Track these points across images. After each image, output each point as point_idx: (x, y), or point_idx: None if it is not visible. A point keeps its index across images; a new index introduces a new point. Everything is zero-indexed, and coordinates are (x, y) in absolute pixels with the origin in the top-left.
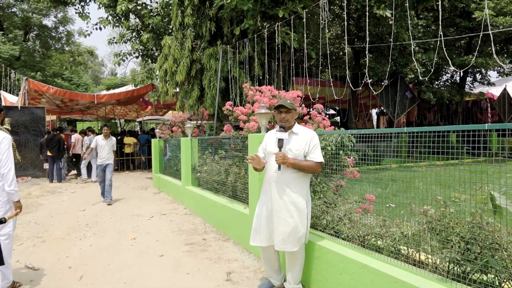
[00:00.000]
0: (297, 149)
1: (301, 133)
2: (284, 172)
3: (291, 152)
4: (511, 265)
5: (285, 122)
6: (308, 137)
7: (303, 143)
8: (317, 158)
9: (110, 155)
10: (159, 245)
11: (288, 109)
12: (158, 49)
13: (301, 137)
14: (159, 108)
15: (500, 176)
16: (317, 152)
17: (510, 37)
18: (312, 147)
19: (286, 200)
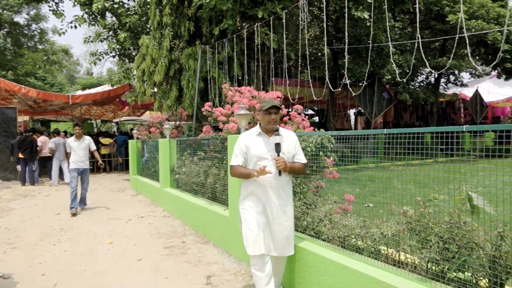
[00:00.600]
0: (288, 152)
1: (285, 134)
2: (282, 177)
3: (284, 156)
4: (487, 264)
5: (274, 123)
6: (293, 139)
7: (291, 145)
8: (304, 159)
9: (86, 159)
10: (137, 249)
11: (278, 109)
12: (135, 48)
13: (287, 138)
14: (137, 108)
15: (472, 175)
16: (302, 153)
17: (481, 40)
18: (298, 149)
19: (283, 205)
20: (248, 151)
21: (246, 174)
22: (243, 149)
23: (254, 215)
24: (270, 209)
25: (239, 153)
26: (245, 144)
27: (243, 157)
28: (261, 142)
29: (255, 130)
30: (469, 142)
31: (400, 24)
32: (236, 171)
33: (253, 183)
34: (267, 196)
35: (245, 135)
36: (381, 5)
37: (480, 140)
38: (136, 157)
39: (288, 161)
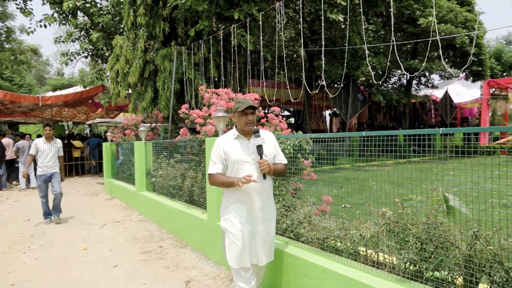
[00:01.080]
0: (269, 153)
1: (264, 135)
2: (267, 181)
3: (266, 158)
4: (463, 263)
5: (251, 124)
6: (273, 139)
7: (271, 146)
8: (285, 160)
9: (55, 162)
10: (113, 254)
11: (254, 109)
12: (109, 49)
13: (267, 139)
14: (111, 110)
15: (443, 175)
16: (282, 153)
17: (450, 43)
18: (278, 149)
19: (269, 210)
20: (227, 156)
21: (228, 183)
22: (221, 155)
23: (239, 227)
24: (255, 216)
25: (217, 159)
26: (223, 149)
27: (222, 164)
28: (240, 145)
29: (232, 134)
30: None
31: (373, 27)
32: (216, 180)
33: (238, 191)
34: (252, 203)
35: (222, 140)
36: (356, 8)
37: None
38: (110, 160)
39: (270, 162)
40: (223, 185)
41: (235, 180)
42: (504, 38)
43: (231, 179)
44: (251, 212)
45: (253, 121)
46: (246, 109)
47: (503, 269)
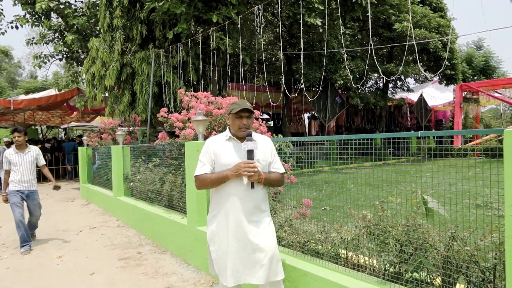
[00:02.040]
0: (264, 159)
1: (260, 140)
2: (256, 190)
3: (259, 164)
4: (441, 264)
5: (246, 129)
6: (269, 145)
7: (267, 152)
8: (282, 168)
9: (32, 177)
10: (89, 262)
11: (250, 113)
12: (84, 51)
13: (262, 144)
14: (87, 113)
15: (419, 177)
16: (279, 161)
17: (424, 48)
18: (274, 156)
19: (258, 224)
20: (216, 158)
21: (220, 179)
22: (211, 156)
23: (224, 240)
24: (243, 230)
25: (207, 160)
26: (213, 151)
27: (211, 165)
28: (232, 148)
29: (225, 135)
30: (414, 144)
31: (350, 31)
32: (205, 180)
33: (225, 199)
34: (238, 215)
35: (212, 141)
36: (333, 12)
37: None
38: (86, 164)
39: (264, 170)
40: (214, 183)
41: (227, 172)
42: (474, 43)
43: (224, 172)
44: (238, 224)
45: (248, 125)
46: (241, 112)
47: (479, 269)
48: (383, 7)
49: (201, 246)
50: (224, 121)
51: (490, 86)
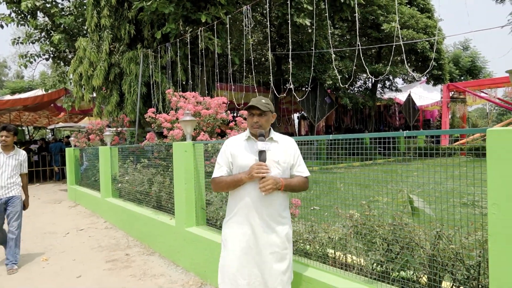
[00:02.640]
0: (285, 161)
1: (281, 140)
2: (273, 195)
3: (279, 166)
4: (427, 262)
5: (257, 128)
6: (292, 146)
7: (289, 153)
8: (306, 172)
9: (14, 182)
10: (76, 264)
11: (262, 111)
12: (71, 51)
13: (283, 145)
14: (74, 114)
15: (407, 176)
16: (303, 164)
17: (412, 48)
18: (298, 158)
19: (278, 231)
20: (234, 160)
21: (234, 182)
22: (228, 158)
23: (235, 247)
24: (257, 237)
25: (223, 162)
26: (231, 152)
27: (228, 167)
28: (249, 148)
29: (245, 135)
30: (403, 144)
31: (339, 31)
32: (220, 182)
33: (241, 202)
34: (252, 221)
35: (231, 141)
36: (322, 13)
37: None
38: (74, 166)
39: (285, 173)
40: (229, 186)
41: (242, 175)
42: (461, 44)
43: (238, 175)
44: (254, 230)
45: (261, 124)
46: (251, 109)
47: (464, 267)
48: (372, 7)
49: (190, 247)
50: (212, 122)
51: (476, 86)
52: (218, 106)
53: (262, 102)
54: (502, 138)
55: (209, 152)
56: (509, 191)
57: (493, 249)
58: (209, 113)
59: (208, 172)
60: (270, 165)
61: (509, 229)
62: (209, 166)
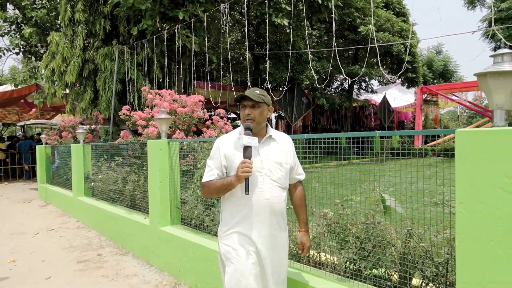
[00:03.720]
0: (287, 162)
1: (279, 138)
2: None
3: (282, 168)
4: (398, 260)
5: (250, 121)
6: (290, 144)
7: (290, 153)
8: (303, 173)
9: None
10: (46, 266)
11: (255, 102)
12: (43, 45)
13: (282, 144)
14: (46, 111)
15: (381, 176)
16: (299, 164)
17: (387, 51)
18: (295, 159)
19: (282, 237)
20: (229, 163)
21: (224, 186)
22: (221, 160)
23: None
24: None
25: (215, 165)
26: (224, 153)
27: (220, 170)
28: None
29: (238, 132)
30: (378, 143)
31: (317, 32)
32: (210, 187)
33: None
34: (258, 225)
35: (223, 141)
36: (300, 13)
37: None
38: (45, 164)
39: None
40: (219, 191)
41: (232, 178)
42: (434, 48)
43: (228, 178)
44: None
45: (254, 117)
46: (242, 100)
47: (433, 264)
48: (349, 10)
49: (164, 246)
50: (188, 120)
51: (448, 89)
52: (194, 104)
53: (255, 92)
54: (469, 139)
55: (185, 151)
56: (475, 191)
57: (460, 246)
58: (185, 111)
59: (184, 171)
60: (272, 168)
61: (475, 227)
62: (185, 165)
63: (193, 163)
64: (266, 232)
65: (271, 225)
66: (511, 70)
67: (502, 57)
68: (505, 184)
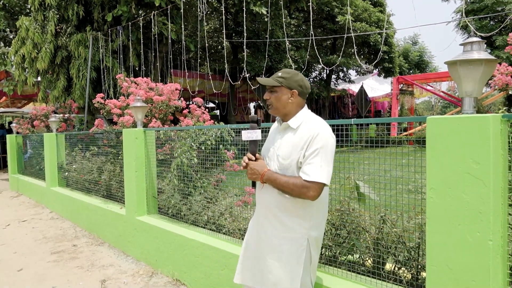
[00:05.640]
0: (286, 157)
1: (300, 130)
2: (265, 191)
3: (278, 161)
4: (372, 245)
5: (270, 107)
6: (307, 135)
7: (297, 146)
8: (311, 174)
9: None
10: (18, 257)
11: (271, 86)
12: (12, 30)
13: (298, 136)
14: (17, 99)
15: (359, 164)
16: (316, 163)
17: (365, 41)
18: (309, 156)
19: (270, 234)
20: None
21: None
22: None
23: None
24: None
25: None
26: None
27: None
28: (273, 133)
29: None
30: (355, 133)
31: (295, 21)
32: None
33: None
34: (257, 218)
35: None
36: (278, 2)
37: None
38: (16, 154)
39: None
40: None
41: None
42: (410, 38)
43: None
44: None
45: (271, 102)
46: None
47: (405, 249)
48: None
49: (141, 236)
50: (164, 108)
51: (423, 80)
52: (171, 92)
53: (275, 75)
54: (439, 126)
55: (162, 140)
56: (444, 176)
57: (430, 230)
58: (162, 100)
59: (160, 160)
60: (272, 158)
61: (444, 211)
62: (162, 154)
63: (170, 152)
64: (258, 226)
65: (262, 214)
66: (480, 58)
67: (471, 45)
68: (472, 170)
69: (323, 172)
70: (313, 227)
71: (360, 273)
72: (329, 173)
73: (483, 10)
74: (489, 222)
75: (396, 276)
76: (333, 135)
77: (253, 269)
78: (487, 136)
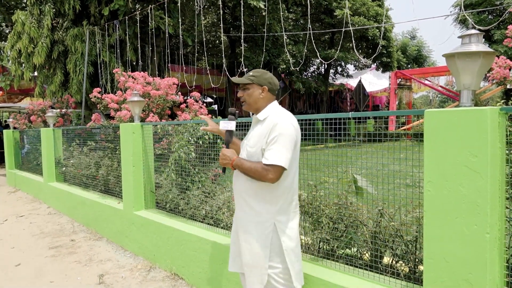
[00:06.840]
0: (252, 146)
1: (266, 122)
2: (237, 178)
3: (245, 150)
4: (370, 239)
5: (243, 103)
6: (270, 125)
7: (262, 134)
8: (270, 158)
9: None
10: (15, 253)
11: (243, 84)
12: (8, 25)
13: (264, 127)
14: (14, 94)
15: (357, 158)
16: (274, 149)
17: (363, 35)
18: (270, 143)
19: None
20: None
21: None
22: None
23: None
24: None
25: None
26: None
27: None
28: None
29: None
30: (354, 128)
31: (293, 15)
32: None
33: None
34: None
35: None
36: None
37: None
38: (13, 149)
39: (254, 157)
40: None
41: None
42: (408, 33)
43: None
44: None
45: (244, 99)
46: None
47: (403, 242)
48: None
49: (138, 231)
50: (162, 103)
51: (422, 74)
52: (168, 87)
53: (246, 75)
54: (437, 119)
55: (159, 134)
56: (442, 169)
57: (427, 223)
58: (159, 94)
59: (158, 155)
60: (242, 147)
61: (441, 204)
62: (159, 149)
63: (167, 147)
64: (235, 213)
65: (237, 205)
66: (478, 51)
67: (469, 38)
68: (469, 162)
69: (281, 156)
70: (280, 212)
71: (358, 266)
72: (287, 158)
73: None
74: (486, 215)
75: (394, 270)
76: (295, 125)
77: (233, 254)
78: (485, 129)
